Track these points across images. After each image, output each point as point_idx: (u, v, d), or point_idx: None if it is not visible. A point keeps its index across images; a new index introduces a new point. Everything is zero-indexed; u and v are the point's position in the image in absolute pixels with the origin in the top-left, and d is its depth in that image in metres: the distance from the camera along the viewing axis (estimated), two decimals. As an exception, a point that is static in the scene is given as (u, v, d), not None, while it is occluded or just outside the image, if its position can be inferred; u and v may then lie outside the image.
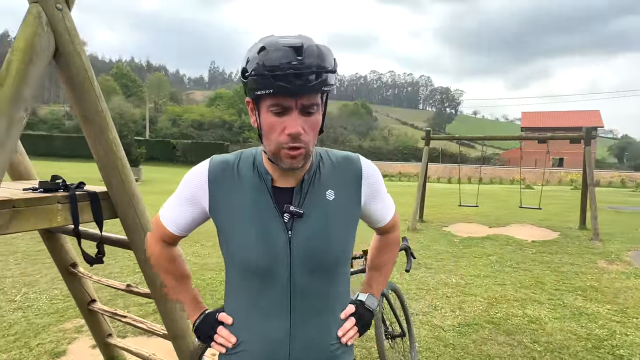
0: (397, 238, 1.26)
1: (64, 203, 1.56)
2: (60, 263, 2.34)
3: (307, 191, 1.01)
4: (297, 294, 1.00)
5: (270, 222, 0.99)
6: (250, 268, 1.00)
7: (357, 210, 1.08)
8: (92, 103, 1.54)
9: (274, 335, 1.01)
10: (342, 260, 1.06)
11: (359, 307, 1.15)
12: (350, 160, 1.09)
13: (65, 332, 3.33)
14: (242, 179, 1.02)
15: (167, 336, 2.06)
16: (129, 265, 5.24)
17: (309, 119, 0.92)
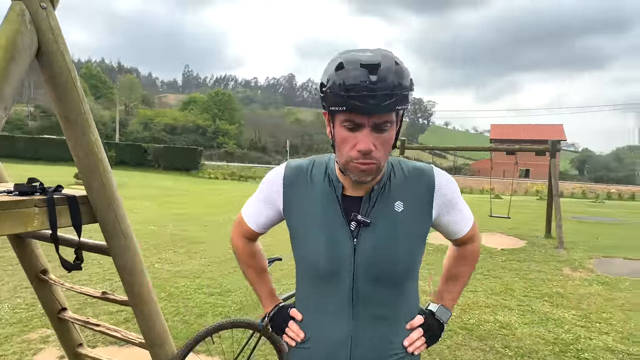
0: (476, 251, 1.21)
1: (42, 207, 1.50)
2: (30, 270, 2.24)
3: (376, 201, 1.03)
4: (359, 300, 1.03)
5: (338, 230, 1.03)
6: (317, 272, 1.07)
7: (427, 223, 1.07)
8: (74, 104, 1.49)
9: (336, 337, 1.06)
10: (408, 272, 1.06)
11: (428, 318, 1.14)
12: (422, 171, 1.08)
13: (29, 343, 3.17)
14: (314, 185, 1.08)
15: (144, 345, 2.00)
16: (98, 273, 5.06)
17: (381, 135, 0.94)
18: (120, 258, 1.74)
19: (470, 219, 1.16)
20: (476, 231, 1.19)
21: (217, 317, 3.84)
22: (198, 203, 12.98)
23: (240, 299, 4.32)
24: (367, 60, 0.89)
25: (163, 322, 1.96)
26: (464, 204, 1.14)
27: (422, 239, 1.07)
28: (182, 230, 8.13)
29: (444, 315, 1.17)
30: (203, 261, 5.89)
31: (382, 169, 0.99)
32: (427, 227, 1.07)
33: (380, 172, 0.99)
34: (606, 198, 25.09)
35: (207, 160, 38.57)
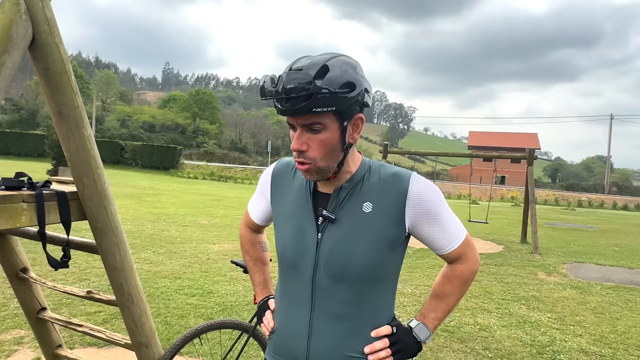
0: (465, 272, 1.11)
1: (30, 202, 1.45)
2: (9, 268, 2.15)
3: (344, 199, 1.05)
4: (318, 294, 1.04)
5: (306, 222, 1.06)
6: (284, 260, 1.11)
7: (398, 230, 1.03)
8: (68, 97, 1.46)
9: (295, 327, 1.08)
10: (369, 274, 1.02)
11: (401, 331, 1.09)
12: (398, 177, 1.05)
13: (2, 344, 3.05)
14: (295, 180, 1.14)
15: (129, 346, 1.96)
16: (73, 272, 4.90)
17: (314, 136, 0.97)
18: (110, 256, 1.70)
19: (458, 236, 1.08)
20: (467, 251, 1.10)
21: (199, 318, 3.79)
22: (177, 203, 12.75)
23: (222, 301, 4.27)
24: (298, 65, 0.94)
25: (151, 322, 1.92)
26: (451, 219, 1.07)
27: (391, 245, 1.03)
28: (161, 230, 7.97)
29: (422, 333, 1.10)
30: (183, 262, 5.79)
31: (327, 169, 1.00)
32: (400, 234, 1.04)
33: (325, 173, 1.01)
34: (577, 206, 26.00)
35: (186, 159, 37.94)
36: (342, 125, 0.98)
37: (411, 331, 1.10)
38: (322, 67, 0.92)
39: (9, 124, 45.90)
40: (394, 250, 1.05)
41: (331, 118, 0.96)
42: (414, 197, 1.02)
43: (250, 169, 36.96)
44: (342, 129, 0.99)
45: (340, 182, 1.06)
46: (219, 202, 13.86)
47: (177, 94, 75.01)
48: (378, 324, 1.07)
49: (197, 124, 59.51)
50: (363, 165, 1.09)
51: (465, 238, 1.10)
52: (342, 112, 0.96)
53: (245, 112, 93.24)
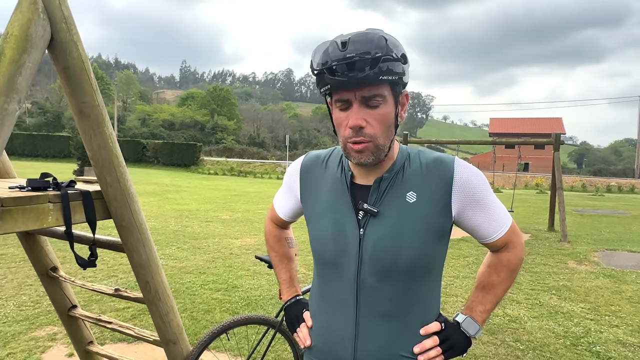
0: (512, 260, 1.05)
1: (56, 202, 1.46)
2: (40, 267, 2.19)
3: (386, 190, 0.98)
4: (364, 293, 0.98)
5: (345, 218, 1.00)
6: (324, 260, 1.05)
7: (445, 218, 0.97)
8: (88, 96, 1.45)
9: (340, 329, 1.01)
10: (417, 268, 0.97)
11: (449, 327, 1.03)
12: (441, 162, 0.98)
13: (37, 341, 3.14)
14: (327, 173, 1.07)
15: (158, 342, 1.97)
16: (102, 269, 5.02)
17: (373, 111, 0.91)
18: (136, 254, 1.70)
19: (505, 222, 1.02)
20: (514, 239, 1.04)
21: (224, 313, 3.82)
22: (199, 199, 12.92)
23: (246, 295, 4.30)
24: (346, 37, 0.88)
25: (179, 319, 1.93)
26: (497, 204, 1.01)
27: (438, 235, 0.97)
28: (184, 226, 8.09)
29: (471, 328, 1.03)
30: (207, 257, 5.85)
31: (383, 149, 0.94)
32: (446, 223, 0.98)
33: (381, 153, 0.94)
34: (606, 191, 25.14)
35: (206, 155, 38.47)
36: (397, 100, 0.93)
37: (459, 326, 1.04)
38: (380, 36, 0.87)
39: (36, 126, 47.46)
40: (441, 240, 0.99)
41: (389, 91, 0.91)
42: (461, 183, 0.96)
43: (269, 163, 37.17)
44: (397, 103, 0.93)
45: (380, 172, 0.99)
46: (240, 197, 13.98)
47: (194, 92, 75.96)
48: (427, 320, 1.01)
49: (216, 120, 60.13)
50: (402, 152, 1.01)
51: (512, 224, 1.04)
52: (398, 85, 0.92)
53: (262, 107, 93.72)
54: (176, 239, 6.97)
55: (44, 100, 58.47)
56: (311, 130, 69.12)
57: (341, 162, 1.07)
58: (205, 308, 3.91)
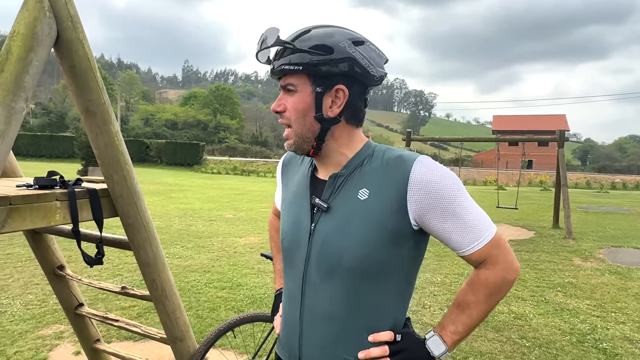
0: (491, 280, 0.90)
1: (63, 200, 1.46)
2: (47, 265, 2.20)
3: (340, 186, 0.95)
4: (308, 289, 0.96)
5: (302, 211, 1.00)
6: (283, 251, 1.05)
7: (400, 220, 0.88)
8: (94, 94, 1.45)
9: (290, 321, 1.02)
10: (364, 271, 0.89)
11: (408, 341, 0.93)
12: (401, 159, 0.91)
13: (44, 339, 3.16)
14: (301, 167, 1.09)
15: (165, 340, 1.98)
16: (107, 268, 5.04)
17: (289, 97, 0.95)
18: (143, 252, 1.71)
19: (483, 234, 0.88)
20: (496, 253, 0.89)
21: (229, 311, 3.83)
22: (202, 198, 12.95)
23: (251, 293, 4.30)
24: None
25: (185, 316, 1.93)
26: (471, 211, 0.88)
27: (394, 238, 0.88)
28: (188, 225, 8.11)
29: (437, 347, 0.92)
30: (211, 255, 5.87)
31: (304, 139, 0.95)
32: (403, 226, 0.88)
33: (303, 142, 0.95)
34: (610, 188, 25.00)
35: (209, 155, 38.54)
36: (314, 91, 0.92)
37: (423, 343, 0.93)
38: (305, 30, 0.93)
39: (40, 127, 47.68)
40: (399, 245, 0.89)
41: (303, 80, 0.92)
42: (418, 183, 0.87)
43: (272, 162, 37.19)
44: (316, 95, 0.92)
45: (339, 167, 0.98)
46: (243, 196, 14.00)
47: (197, 91, 76.07)
48: (377, 328, 0.92)
49: (218, 119, 60.25)
50: (365, 149, 0.97)
51: (494, 238, 0.89)
52: (315, 76, 0.91)
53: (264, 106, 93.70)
54: (180, 237, 6.99)
55: (48, 100, 58.72)
56: (314, 129, 69.07)
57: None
58: (211, 306, 3.92)
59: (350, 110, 0.95)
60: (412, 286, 0.98)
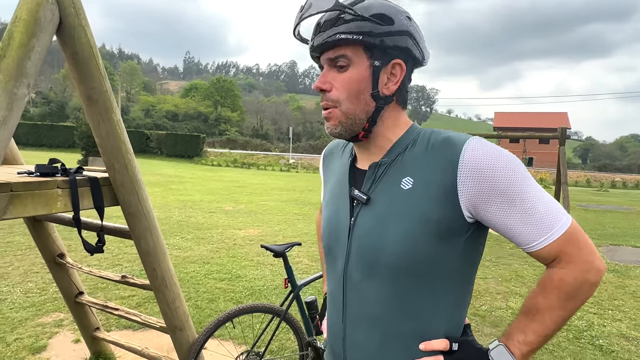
0: (565, 280, 0.77)
1: (64, 188, 1.47)
2: (47, 253, 2.22)
3: (381, 175, 0.85)
4: (350, 288, 0.87)
5: (342, 205, 0.92)
6: (324, 248, 0.97)
7: (449, 211, 0.78)
8: (97, 82, 1.45)
9: (333, 323, 0.93)
10: (407, 268, 0.80)
11: (467, 351, 0.81)
12: (449, 142, 0.80)
13: (44, 327, 3.17)
14: (342, 159, 1.00)
15: (164, 329, 1.99)
16: (107, 258, 5.05)
17: (339, 74, 0.84)
18: (143, 241, 1.71)
19: (554, 226, 0.75)
20: (570, 250, 0.76)
21: (228, 302, 3.84)
22: (202, 190, 12.95)
23: (250, 285, 4.32)
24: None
25: (185, 306, 1.94)
26: (539, 199, 0.76)
27: (441, 232, 0.78)
28: (188, 217, 8.12)
29: (502, 359, 0.79)
30: (211, 247, 5.88)
31: (354, 120, 0.84)
32: (453, 217, 0.78)
33: (352, 124, 0.84)
34: (610, 187, 25.00)
35: (209, 147, 38.51)
36: (372, 65, 0.82)
37: (486, 354, 0.80)
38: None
39: (40, 116, 47.56)
40: (448, 240, 0.79)
41: (359, 53, 0.82)
42: (469, 167, 0.76)
43: (272, 155, 37.17)
44: (373, 70, 0.82)
45: (379, 155, 0.88)
46: (243, 189, 14.00)
47: (198, 83, 75.80)
48: (427, 334, 0.82)
49: (219, 112, 60.09)
50: (409, 133, 0.87)
51: (567, 230, 0.75)
52: (373, 48, 0.81)
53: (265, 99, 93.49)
54: (180, 229, 7.00)
55: (48, 90, 58.52)
56: (314, 123, 68.90)
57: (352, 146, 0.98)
58: (210, 297, 3.93)
59: (403, 89, 0.86)
60: (470, 287, 0.87)
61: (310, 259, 5.43)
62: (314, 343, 2.19)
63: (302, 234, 7.15)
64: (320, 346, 2.22)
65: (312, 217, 8.86)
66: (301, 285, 2.19)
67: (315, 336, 2.21)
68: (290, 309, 2.14)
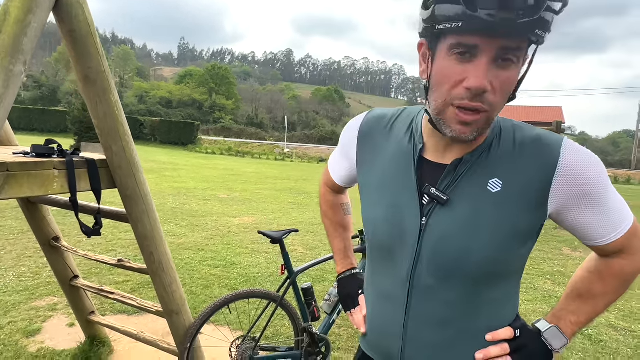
0: (626, 270, 0.81)
1: (61, 169, 1.45)
2: (42, 236, 2.20)
3: (463, 173, 0.78)
4: (417, 292, 0.82)
5: (405, 200, 0.82)
6: (374, 244, 0.90)
7: (536, 216, 0.76)
8: (94, 61, 1.42)
9: (386, 324, 0.89)
10: (490, 274, 0.78)
11: (526, 336, 0.83)
12: (542, 142, 0.75)
13: (37, 310, 3.16)
14: (392, 139, 0.88)
15: (161, 313, 1.99)
16: (101, 244, 5.03)
17: (503, 72, 0.67)
18: (141, 225, 1.70)
19: (623, 222, 0.78)
20: (635, 243, 0.80)
21: (223, 289, 3.85)
22: (196, 177, 12.89)
23: (245, 272, 4.33)
24: None
25: (181, 290, 1.94)
26: (615, 200, 0.78)
27: (523, 237, 0.77)
28: (182, 204, 8.09)
29: (556, 340, 0.81)
30: (205, 234, 5.88)
31: (491, 124, 0.73)
32: (537, 222, 0.76)
33: (487, 129, 0.74)
34: (602, 181, 25.24)
35: (204, 135, 38.24)
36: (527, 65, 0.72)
37: (539, 335, 0.83)
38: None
39: (32, 100, 46.82)
40: (526, 243, 0.78)
41: (524, 47, 0.68)
42: (568, 173, 0.73)
43: (267, 144, 37.04)
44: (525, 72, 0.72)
45: (461, 150, 0.78)
46: (238, 177, 13.96)
47: (193, 70, 74.92)
48: (496, 328, 0.83)
49: (214, 99, 59.57)
50: (491, 128, 0.79)
51: (632, 225, 0.79)
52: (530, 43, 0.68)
53: (261, 87, 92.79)
54: (174, 216, 6.97)
55: (40, 73, 57.55)
56: (310, 112, 68.63)
57: (411, 128, 0.87)
58: (204, 283, 3.94)
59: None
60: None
61: (305, 247, 5.45)
62: (309, 329, 2.20)
63: (297, 222, 7.16)
64: (316, 332, 2.23)
65: (307, 206, 8.88)
66: (298, 271, 2.19)
67: (310, 322, 2.22)
68: (286, 296, 2.15)
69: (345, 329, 3.16)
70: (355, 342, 2.99)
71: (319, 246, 5.59)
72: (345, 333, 3.10)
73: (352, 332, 3.12)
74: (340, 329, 3.14)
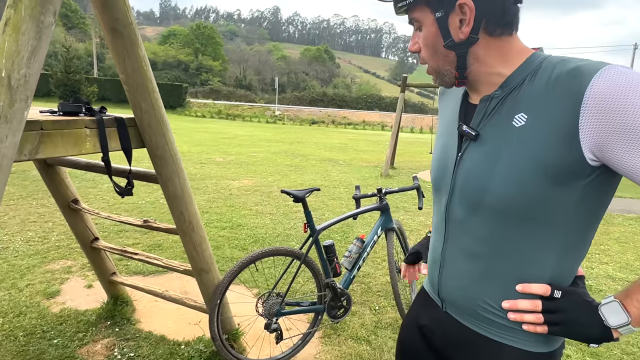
0: None
1: (92, 128, 1.40)
2: (61, 199, 2.17)
3: (493, 110, 0.81)
4: (451, 223, 0.89)
5: (451, 139, 0.90)
6: (432, 183, 0.98)
7: (568, 151, 0.70)
8: (122, 13, 1.34)
9: (434, 253, 0.97)
10: (513, 210, 0.76)
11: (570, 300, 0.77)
12: (577, 72, 0.69)
13: (53, 273, 3.18)
14: (456, 93, 0.97)
15: (189, 272, 2.01)
16: (118, 207, 5.00)
17: (421, 34, 0.85)
18: (171, 184, 1.69)
19: None
20: None
21: (234, 249, 3.91)
22: (189, 141, 12.72)
23: (252, 233, 4.38)
24: None
25: (210, 249, 1.96)
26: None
27: (554, 173, 0.71)
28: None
29: (614, 316, 0.72)
30: (207, 197, 5.88)
31: (445, 72, 0.85)
32: (571, 158, 0.70)
33: (444, 76, 0.86)
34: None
35: (192, 97, 37.35)
36: (436, 18, 0.80)
37: (596, 308, 0.75)
38: None
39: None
40: (563, 184, 0.72)
41: (424, 11, 0.82)
42: (596, 100, 0.65)
43: (258, 106, 36.40)
44: (439, 21, 0.80)
45: (492, 88, 0.82)
46: (231, 140, 13.82)
47: (177, 29, 71.99)
48: (529, 278, 0.79)
49: (200, 60, 57.70)
50: (527, 64, 0.78)
51: None
52: (431, 1, 0.80)
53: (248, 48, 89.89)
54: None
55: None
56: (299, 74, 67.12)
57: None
58: (214, 245, 3.98)
59: (490, 19, 0.77)
60: (590, 236, 0.80)
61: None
62: (332, 284, 2.26)
63: (296, 184, 7.19)
64: (339, 287, 2.30)
65: (304, 168, 8.88)
66: (320, 229, 2.22)
67: (332, 277, 2.28)
68: (309, 253, 2.19)
69: (359, 284, 3.26)
70: (369, 296, 3.09)
71: (321, 207, 5.65)
72: (359, 288, 3.20)
73: (365, 288, 3.22)
74: (354, 285, 3.23)
